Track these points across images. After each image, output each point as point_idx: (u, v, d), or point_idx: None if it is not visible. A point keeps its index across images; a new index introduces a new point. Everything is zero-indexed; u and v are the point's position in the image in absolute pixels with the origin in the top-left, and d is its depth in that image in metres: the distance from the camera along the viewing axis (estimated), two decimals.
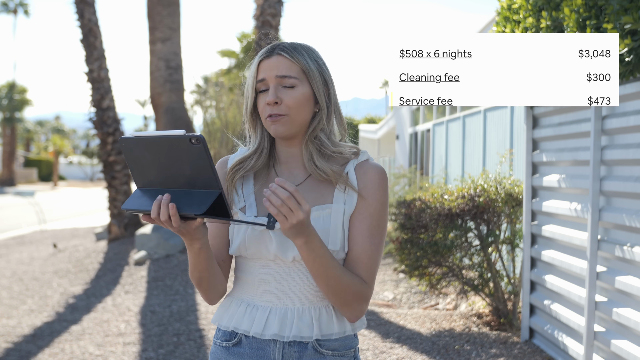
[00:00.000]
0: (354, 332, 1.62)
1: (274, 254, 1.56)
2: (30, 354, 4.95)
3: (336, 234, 1.55)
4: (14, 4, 44.96)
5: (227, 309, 1.64)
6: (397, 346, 4.73)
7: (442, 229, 5.14)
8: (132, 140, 1.38)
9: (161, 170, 1.40)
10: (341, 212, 1.56)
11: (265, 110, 1.57)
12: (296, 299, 1.57)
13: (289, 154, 1.63)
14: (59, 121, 61.83)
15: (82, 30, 10.81)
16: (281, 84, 1.55)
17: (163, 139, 1.34)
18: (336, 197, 1.58)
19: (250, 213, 1.60)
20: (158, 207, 1.38)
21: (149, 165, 1.40)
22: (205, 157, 1.32)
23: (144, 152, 1.39)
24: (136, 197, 1.44)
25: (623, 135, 3.49)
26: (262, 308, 1.58)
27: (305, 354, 1.57)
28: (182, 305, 6.28)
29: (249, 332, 1.58)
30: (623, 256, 3.41)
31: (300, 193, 1.44)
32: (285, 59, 1.56)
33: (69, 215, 19.27)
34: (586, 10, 3.34)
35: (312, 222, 1.54)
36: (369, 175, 1.58)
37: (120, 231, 10.64)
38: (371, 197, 1.57)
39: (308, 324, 1.56)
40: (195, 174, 1.36)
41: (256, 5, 9.35)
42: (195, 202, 1.36)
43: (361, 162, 1.61)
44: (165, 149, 1.36)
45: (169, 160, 1.37)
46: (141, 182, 1.45)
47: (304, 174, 1.63)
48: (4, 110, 42.58)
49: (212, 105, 14.86)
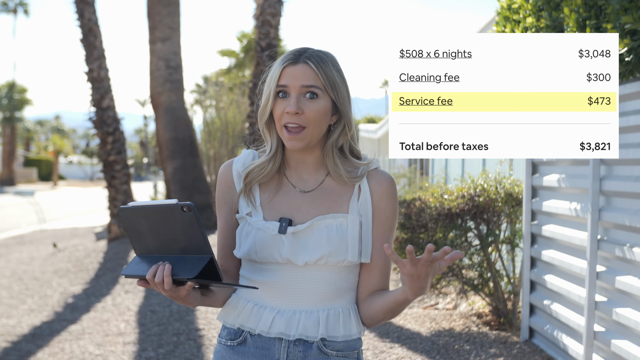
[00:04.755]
0: (359, 335, 1.63)
1: (286, 258, 1.56)
2: (30, 353, 4.95)
3: (354, 246, 1.57)
4: (14, 4, 44.94)
5: (233, 307, 1.64)
6: (397, 346, 4.73)
7: (442, 228, 5.14)
8: (130, 209, 1.48)
9: (157, 237, 1.48)
10: (357, 223, 1.58)
11: (283, 118, 1.55)
12: (305, 301, 1.58)
13: (299, 160, 1.63)
14: (58, 121, 61.80)
15: (82, 29, 10.80)
16: (303, 94, 1.54)
17: (157, 207, 1.44)
18: (352, 208, 1.59)
19: (257, 218, 1.60)
20: (156, 270, 1.44)
21: (145, 233, 1.49)
22: (195, 224, 1.40)
23: (140, 221, 1.48)
24: (135, 264, 1.52)
25: (623, 135, 3.49)
26: (269, 308, 1.59)
27: (310, 353, 1.57)
28: (182, 304, 6.28)
29: (255, 329, 1.58)
30: (623, 256, 3.41)
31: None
32: (311, 69, 1.55)
33: (68, 215, 19.27)
34: (586, 10, 3.34)
35: (327, 229, 1.57)
36: (384, 186, 1.61)
37: (120, 231, 10.64)
38: (389, 208, 1.61)
39: (314, 324, 1.57)
40: (187, 239, 1.44)
41: (256, 5, 9.34)
42: (187, 267, 1.44)
43: (372, 171, 1.63)
44: (160, 217, 1.45)
45: (164, 227, 1.46)
46: (139, 249, 1.53)
47: (314, 180, 1.63)
48: (4, 109, 42.58)
49: (212, 105, 14.86)
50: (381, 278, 1.63)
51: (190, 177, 10.69)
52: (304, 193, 1.62)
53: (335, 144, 1.60)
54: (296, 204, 1.60)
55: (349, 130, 1.61)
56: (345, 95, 1.59)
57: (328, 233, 1.56)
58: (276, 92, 1.56)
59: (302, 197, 1.61)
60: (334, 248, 1.55)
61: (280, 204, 1.61)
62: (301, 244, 1.56)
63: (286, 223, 1.56)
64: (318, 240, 1.55)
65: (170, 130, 10.29)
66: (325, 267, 1.57)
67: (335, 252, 1.55)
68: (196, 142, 11.01)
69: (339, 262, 1.57)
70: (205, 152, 13.93)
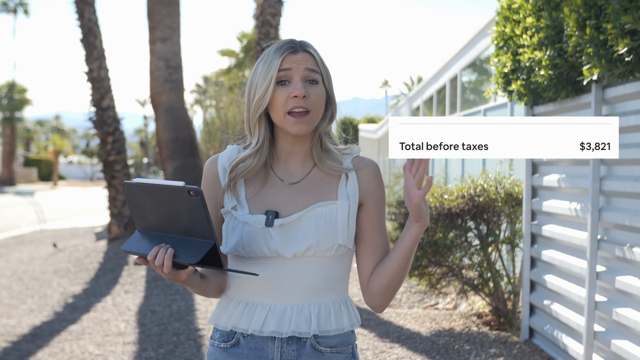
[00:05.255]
0: (351, 328, 1.63)
1: (275, 251, 1.55)
2: (29, 353, 4.95)
3: (344, 230, 1.58)
4: (14, 4, 44.93)
5: (224, 309, 1.64)
6: (397, 346, 4.73)
7: (442, 228, 5.14)
8: (135, 185, 1.44)
9: (160, 216, 1.46)
10: (347, 207, 1.59)
11: (287, 104, 1.54)
12: (295, 295, 1.57)
13: (291, 152, 1.63)
14: (58, 121, 61.80)
15: (82, 29, 10.80)
16: (306, 78, 1.56)
17: (163, 188, 1.41)
18: (340, 193, 1.60)
19: (243, 212, 1.59)
20: (157, 252, 1.43)
21: (149, 211, 1.47)
22: (201, 208, 1.38)
23: (145, 198, 1.45)
24: (135, 240, 1.50)
25: (623, 135, 3.49)
26: (260, 306, 1.58)
27: (303, 352, 1.57)
28: (182, 304, 6.28)
29: (247, 330, 1.58)
30: (623, 256, 3.41)
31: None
32: (312, 57, 1.58)
33: (68, 215, 19.27)
34: (586, 10, 3.34)
35: (315, 218, 1.57)
36: (371, 170, 1.64)
37: (120, 231, 10.64)
38: (378, 191, 1.64)
39: (306, 320, 1.56)
40: (191, 223, 1.42)
41: (256, 5, 9.34)
42: (190, 251, 1.42)
43: (356, 157, 1.65)
44: (165, 197, 1.42)
45: (168, 208, 1.43)
46: (141, 225, 1.51)
47: (300, 172, 1.63)
48: (3, 109, 42.58)
49: (212, 105, 14.87)
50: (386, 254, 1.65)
51: (190, 177, 10.68)
52: (290, 185, 1.61)
53: (323, 131, 1.63)
54: (283, 196, 1.60)
55: (334, 119, 1.65)
56: (331, 83, 1.64)
57: (317, 222, 1.56)
58: (277, 80, 1.55)
59: (289, 189, 1.61)
60: (322, 236, 1.55)
61: (266, 197, 1.60)
62: (289, 236, 1.55)
63: (272, 215, 1.56)
64: (306, 230, 1.55)
65: (170, 130, 10.28)
66: (315, 258, 1.57)
67: (324, 240, 1.55)
68: (196, 142, 10.99)
69: (328, 250, 1.56)
70: (205, 152, 13.94)
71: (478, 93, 9.63)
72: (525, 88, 4.32)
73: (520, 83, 4.34)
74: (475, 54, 9.06)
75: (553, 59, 3.79)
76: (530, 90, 4.31)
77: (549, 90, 4.04)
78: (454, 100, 10.42)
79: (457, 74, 10.09)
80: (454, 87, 10.42)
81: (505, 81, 4.58)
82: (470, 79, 10.16)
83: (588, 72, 3.36)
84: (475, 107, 9.03)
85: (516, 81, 4.40)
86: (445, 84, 10.94)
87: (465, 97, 9.98)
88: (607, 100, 3.64)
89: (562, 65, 3.78)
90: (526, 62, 4.09)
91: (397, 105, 16.42)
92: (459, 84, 9.99)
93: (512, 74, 4.48)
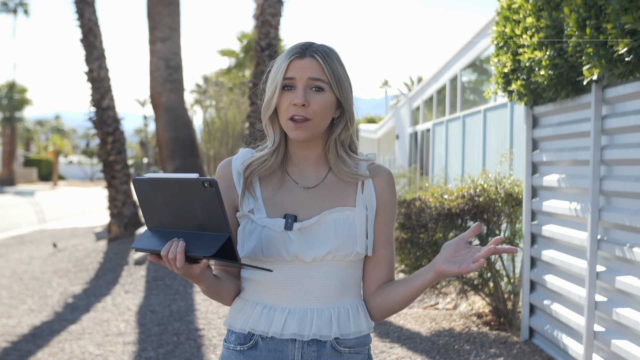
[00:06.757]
0: (368, 331, 1.64)
1: (294, 254, 1.55)
2: (29, 353, 4.95)
3: (362, 238, 1.58)
4: (14, 4, 44.92)
5: (240, 310, 1.61)
6: (397, 346, 4.73)
7: (441, 228, 5.14)
8: (145, 181, 1.40)
9: (172, 211, 1.42)
10: (364, 216, 1.59)
11: (289, 110, 1.55)
12: (315, 298, 1.57)
13: (302, 156, 1.62)
14: (58, 121, 61.81)
15: (82, 29, 10.80)
16: (310, 87, 1.55)
17: (176, 181, 1.36)
18: (358, 201, 1.60)
19: (260, 215, 1.58)
20: (170, 246, 1.40)
21: (160, 207, 1.43)
22: (217, 200, 1.34)
23: (156, 193, 1.41)
24: (146, 237, 1.46)
25: (623, 135, 3.49)
26: (280, 309, 1.57)
27: (323, 352, 1.57)
28: (182, 304, 6.28)
29: (267, 332, 1.56)
30: (623, 256, 3.41)
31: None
32: (317, 63, 1.55)
33: (68, 215, 19.26)
34: (586, 10, 3.34)
35: (334, 223, 1.57)
36: (385, 179, 1.63)
37: (120, 231, 10.64)
38: (390, 201, 1.63)
39: (327, 323, 1.56)
40: (205, 216, 1.38)
41: (256, 5, 9.34)
42: (204, 245, 1.38)
43: (372, 165, 1.64)
44: (178, 191, 1.38)
45: (181, 202, 1.39)
46: (152, 222, 1.47)
47: (316, 176, 1.63)
48: (3, 109, 42.58)
49: (212, 105, 14.87)
50: (389, 270, 1.64)
51: None
52: (307, 189, 1.61)
53: (337, 138, 1.61)
54: (300, 200, 1.59)
55: (351, 125, 1.62)
56: (349, 90, 1.60)
57: (335, 227, 1.55)
58: (282, 85, 1.56)
59: (306, 193, 1.60)
60: (341, 242, 1.55)
61: (283, 200, 1.60)
62: (308, 240, 1.55)
63: (292, 219, 1.55)
64: (325, 234, 1.55)
65: (170, 130, 10.28)
66: (333, 262, 1.56)
67: (343, 245, 1.55)
68: (196, 142, 11.00)
69: (347, 256, 1.56)
70: (205, 152, 13.94)
71: (478, 93, 9.63)
72: (525, 88, 4.32)
73: (520, 83, 4.35)
74: (475, 54, 9.07)
75: (553, 59, 3.80)
76: (530, 90, 4.31)
77: (549, 90, 4.04)
78: (454, 100, 10.42)
79: (457, 74, 10.09)
80: (454, 87, 10.42)
81: (505, 81, 4.58)
82: (470, 79, 10.16)
83: (588, 72, 3.36)
84: (475, 107, 9.03)
85: (516, 81, 4.40)
86: (445, 84, 10.94)
87: (465, 97, 9.99)
88: (607, 100, 3.64)
89: (562, 65, 3.78)
90: (526, 62, 4.09)
91: (397, 105, 16.41)
92: (459, 84, 9.99)
93: (512, 74, 4.49)
